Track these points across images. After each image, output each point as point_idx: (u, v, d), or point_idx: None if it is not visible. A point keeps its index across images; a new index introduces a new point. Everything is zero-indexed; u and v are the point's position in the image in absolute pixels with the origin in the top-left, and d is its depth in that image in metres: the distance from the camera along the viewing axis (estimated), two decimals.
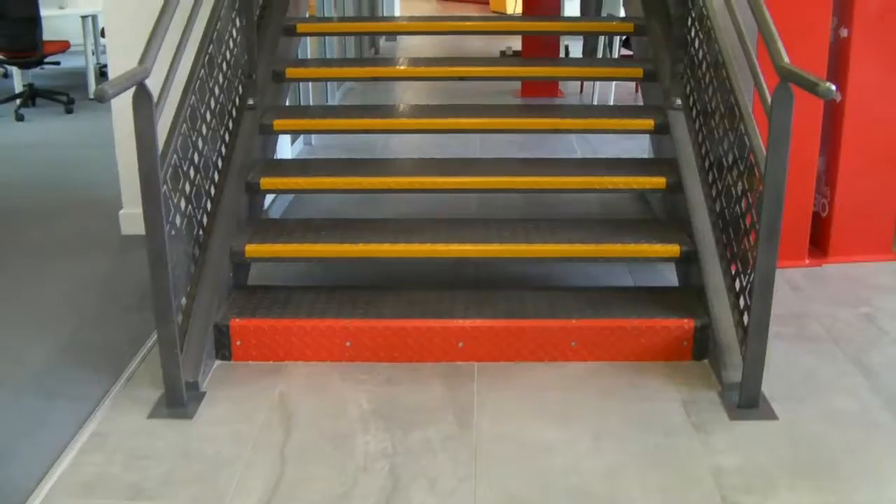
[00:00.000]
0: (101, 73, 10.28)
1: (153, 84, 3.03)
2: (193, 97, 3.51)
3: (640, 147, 6.13)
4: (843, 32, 4.65)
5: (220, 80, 3.89)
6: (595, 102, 8.42)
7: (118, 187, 5.28)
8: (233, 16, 4.09)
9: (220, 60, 3.88)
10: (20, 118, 8.85)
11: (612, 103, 8.12)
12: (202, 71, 3.63)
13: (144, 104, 2.98)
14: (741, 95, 3.50)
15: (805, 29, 4.49)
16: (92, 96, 9.41)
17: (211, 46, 3.74)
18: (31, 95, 9.38)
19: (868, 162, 4.74)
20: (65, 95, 9.28)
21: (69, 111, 9.09)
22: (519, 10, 11.02)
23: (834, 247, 4.80)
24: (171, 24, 3.26)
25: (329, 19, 7.31)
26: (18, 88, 9.54)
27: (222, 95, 3.91)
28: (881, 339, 3.87)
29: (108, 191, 5.50)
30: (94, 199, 5.90)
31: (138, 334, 3.86)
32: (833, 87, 2.83)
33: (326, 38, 7.67)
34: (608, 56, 8.32)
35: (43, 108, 9.28)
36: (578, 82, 9.37)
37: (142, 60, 3.05)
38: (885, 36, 4.64)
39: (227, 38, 3.98)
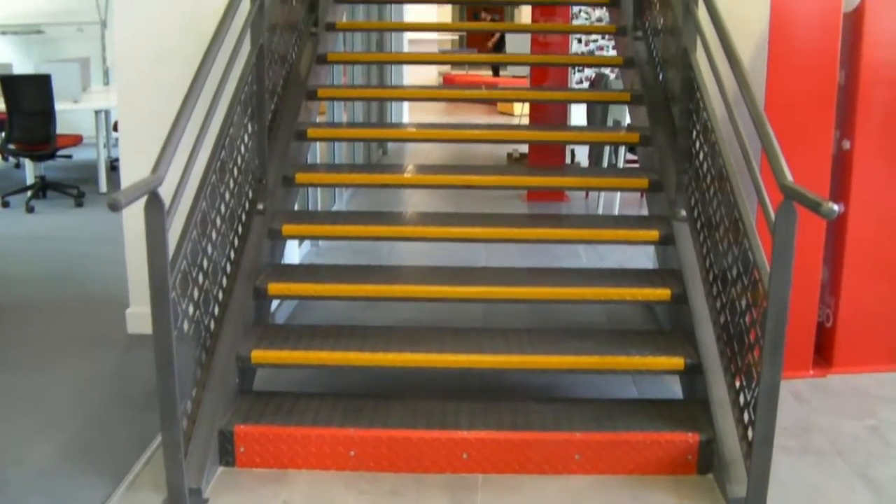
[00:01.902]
0: (112, 166, 10.39)
1: (165, 189, 3.08)
2: (204, 202, 3.56)
3: (644, 252, 6.16)
4: (846, 144, 4.71)
5: (231, 185, 3.94)
6: (601, 208, 8.50)
7: (126, 284, 5.31)
8: (245, 121, 4.15)
9: (231, 165, 3.93)
10: (30, 210, 8.93)
11: (617, 209, 8.19)
12: (214, 177, 3.67)
13: (156, 212, 3.03)
14: (745, 210, 3.53)
15: (808, 140, 4.55)
16: (103, 190, 9.67)
17: (223, 152, 3.80)
18: (42, 188, 9.47)
19: (872, 272, 4.76)
20: (75, 189, 9.36)
21: (79, 205, 9.17)
22: (527, 110, 11.14)
23: (839, 357, 4.79)
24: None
25: (339, 124, 7.44)
26: (30, 180, 9.64)
27: (232, 200, 3.95)
28: (887, 453, 3.85)
29: (116, 287, 5.53)
30: (101, 295, 5.93)
31: (143, 435, 3.85)
32: (836, 208, 2.87)
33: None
34: (613, 161, 8.41)
35: (53, 201, 9.36)
36: None
37: (155, 169, 3.10)
38: (886, 148, 4.70)
39: (238, 143, 4.04)
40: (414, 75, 14.97)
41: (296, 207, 5.23)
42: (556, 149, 9.08)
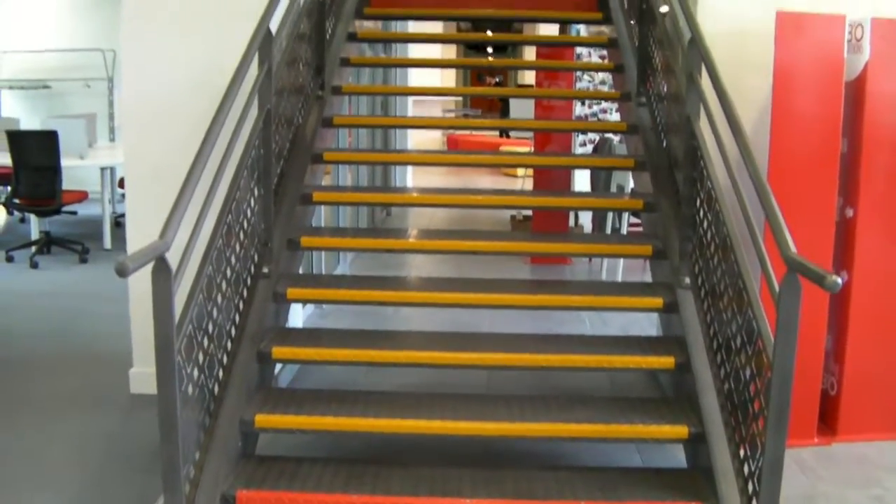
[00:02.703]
0: (117, 223, 10.44)
1: (171, 253, 3.09)
2: (211, 267, 3.57)
3: (648, 316, 6.18)
4: (849, 212, 4.74)
5: (237, 248, 3.95)
6: (604, 272, 8.54)
7: (129, 342, 5.32)
8: (252, 185, 4.18)
9: (237, 229, 3.95)
10: (34, 265, 8.97)
11: (620, 273, 8.21)
12: (220, 241, 3.69)
13: (164, 278, 3.03)
14: (749, 279, 3.53)
15: (811, 207, 4.59)
16: (107, 247, 9.71)
17: (230, 216, 3.82)
18: (47, 243, 9.53)
19: (876, 340, 4.77)
20: (80, 245, 9.41)
21: (83, 261, 9.21)
22: (530, 171, 11.23)
23: (843, 425, 4.79)
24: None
25: (344, 188, 7.49)
26: (35, 235, 9.70)
27: (238, 264, 3.97)
28: None
29: (119, 345, 5.54)
30: (104, 353, 5.95)
31: (144, 497, 3.84)
32: (839, 281, 2.88)
33: None
34: (617, 225, 8.45)
35: (58, 257, 9.40)
36: None
37: (163, 234, 3.11)
38: (890, 216, 4.74)
39: (245, 207, 4.06)
40: (418, 135, 15.09)
41: (300, 269, 5.25)
42: (560, 213, 9.14)
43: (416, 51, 13.29)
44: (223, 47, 4.56)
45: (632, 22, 5.91)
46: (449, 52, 23.15)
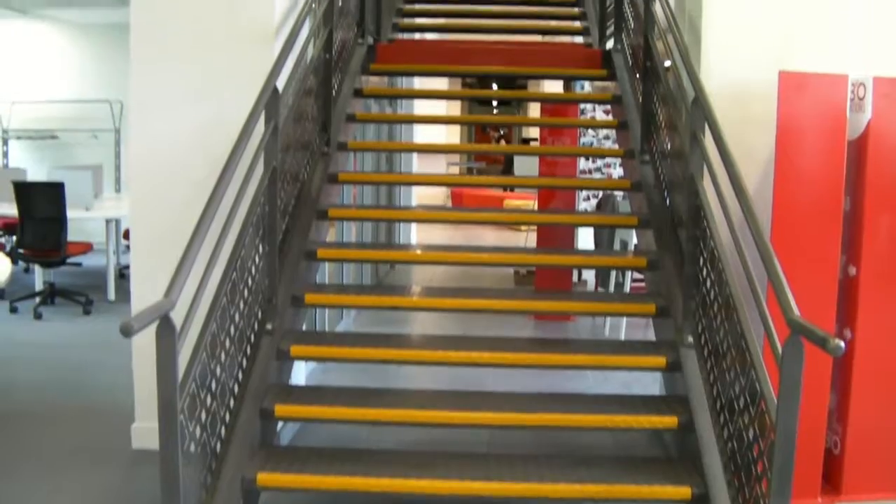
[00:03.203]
0: (122, 274, 10.45)
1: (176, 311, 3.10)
2: (215, 324, 3.57)
3: (650, 373, 6.15)
4: (852, 270, 4.73)
5: (241, 305, 3.96)
6: (607, 329, 8.54)
7: (132, 396, 5.30)
8: (257, 242, 4.19)
9: (242, 287, 3.96)
10: (38, 316, 8.98)
11: (624, 330, 8.21)
12: (224, 298, 3.70)
13: (168, 336, 3.04)
14: (752, 340, 3.53)
15: (814, 265, 4.59)
16: (111, 298, 9.72)
17: (234, 273, 3.83)
18: (51, 294, 9.55)
19: (880, 398, 4.74)
20: (84, 296, 9.41)
21: (87, 312, 9.21)
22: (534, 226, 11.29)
23: (847, 485, 4.75)
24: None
25: (348, 244, 7.53)
26: (39, 286, 9.71)
27: (242, 321, 3.97)
28: None
29: (121, 399, 5.52)
30: (106, 406, 5.93)
31: None
32: (842, 345, 2.88)
33: None
34: (621, 280, 8.45)
35: (61, 308, 9.41)
36: None
37: (168, 292, 3.12)
38: (893, 274, 4.72)
39: (249, 264, 4.07)
40: (423, 187, 15.13)
41: (304, 323, 5.26)
42: (564, 271, 9.15)
43: (421, 105, 13.40)
44: (230, 102, 4.64)
45: (636, 78, 5.95)
46: (454, 105, 23.28)
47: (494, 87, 22.87)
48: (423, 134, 13.83)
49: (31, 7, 13.23)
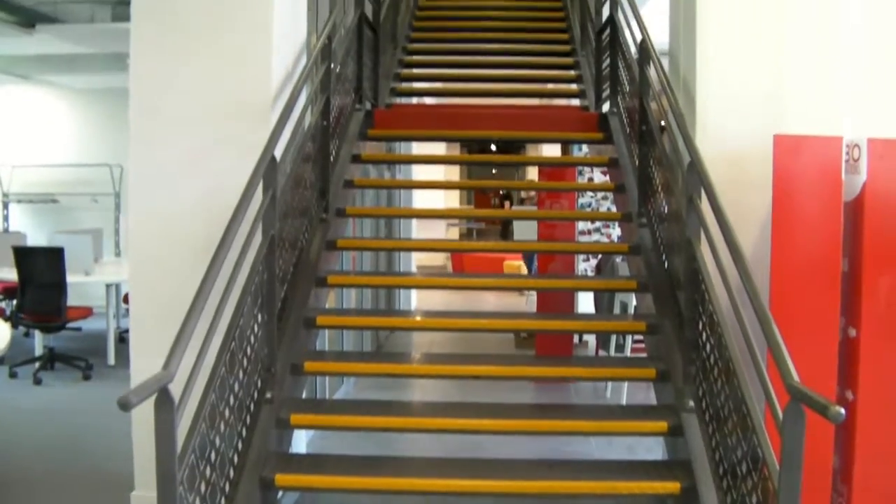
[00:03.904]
0: (121, 338, 10.43)
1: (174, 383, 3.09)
2: (214, 395, 3.56)
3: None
4: (852, 332, 4.73)
5: (240, 375, 3.94)
6: (609, 391, 8.52)
7: (131, 463, 5.27)
8: (255, 311, 4.19)
9: (241, 356, 3.95)
10: (38, 382, 8.97)
11: (625, 393, 8.19)
12: (223, 369, 3.69)
13: (166, 409, 3.03)
14: (753, 405, 3.51)
15: (814, 327, 4.59)
16: (111, 363, 9.70)
17: (233, 343, 3.82)
18: (51, 359, 9.53)
19: (885, 459, 4.71)
20: (83, 361, 9.40)
21: (87, 377, 9.20)
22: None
23: None
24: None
25: (347, 311, 7.54)
26: (39, 351, 9.71)
27: (241, 390, 3.95)
28: None
29: (121, 466, 5.48)
30: (106, 473, 5.90)
31: None
32: (842, 411, 2.87)
33: None
34: (621, 341, 8.44)
35: (61, 373, 9.40)
36: None
37: (166, 365, 3.11)
38: (893, 335, 4.72)
39: (248, 333, 4.06)
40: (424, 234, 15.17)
41: (304, 390, 5.23)
42: (565, 335, 9.16)
43: (419, 167, 13.47)
44: (228, 170, 4.66)
45: (632, 141, 5.98)
46: (452, 166, 23.39)
47: (493, 147, 22.98)
48: (422, 196, 13.87)
49: (33, 73, 13.36)
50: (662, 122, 5.31)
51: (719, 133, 5.20)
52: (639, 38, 5.73)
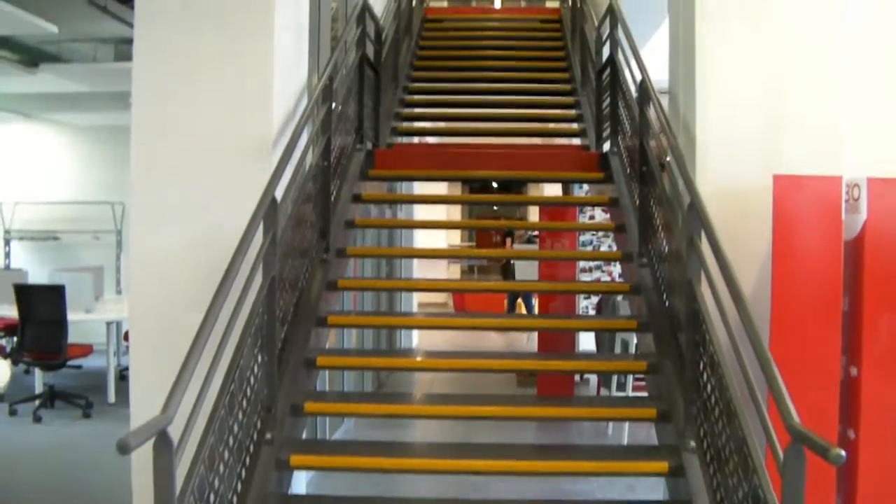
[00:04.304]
0: (122, 376, 10.41)
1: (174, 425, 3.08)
2: (213, 437, 3.54)
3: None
4: (853, 371, 4.73)
5: (240, 416, 3.93)
6: (610, 429, 8.48)
7: (130, 502, 5.23)
8: (255, 352, 4.18)
9: (240, 397, 3.94)
10: (38, 419, 8.97)
11: (626, 433, 8.16)
12: (223, 410, 3.68)
13: (165, 452, 3.02)
14: (754, 446, 3.50)
15: (815, 366, 4.59)
16: (111, 401, 9.68)
17: (233, 385, 3.81)
18: (51, 397, 9.53)
19: (887, 498, 4.69)
20: (83, 399, 9.39)
21: (86, 415, 9.18)
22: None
23: None
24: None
25: (348, 351, 7.52)
26: (39, 388, 9.71)
27: (241, 432, 3.94)
28: None
29: None
30: None
31: None
32: (843, 454, 2.86)
33: None
34: (623, 380, 8.42)
35: (61, 411, 9.39)
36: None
37: (165, 408, 3.11)
38: (895, 374, 4.71)
39: (248, 374, 4.06)
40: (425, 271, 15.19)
41: (304, 429, 5.21)
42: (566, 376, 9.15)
43: (421, 206, 13.52)
44: (229, 211, 4.67)
45: (633, 181, 5.99)
46: (454, 206, 23.50)
47: (494, 184, 23.05)
48: (424, 234, 13.90)
49: (36, 111, 13.44)
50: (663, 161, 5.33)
51: (719, 173, 5.21)
52: (639, 77, 5.76)
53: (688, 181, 4.59)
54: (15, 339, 9.60)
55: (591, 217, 11.00)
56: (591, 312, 11.01)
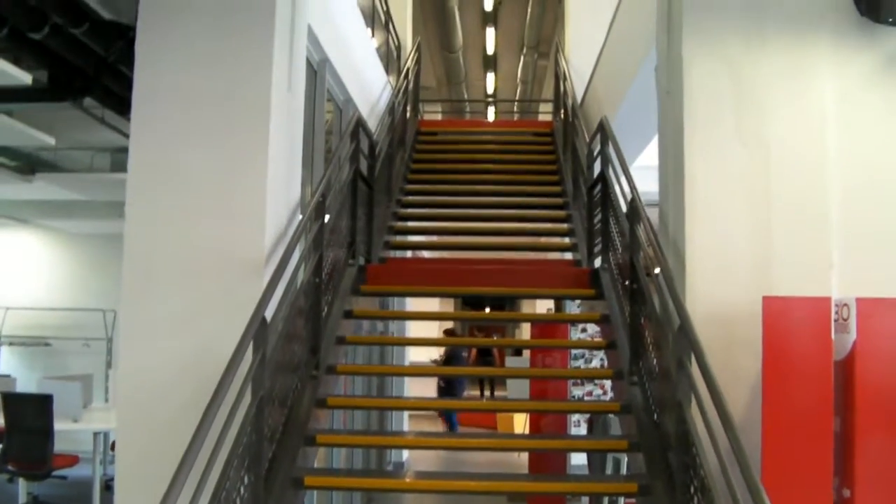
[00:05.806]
0: (107, 486, 10.25)
1: None
2: None
3: None
4: (846, 493, 4.68)
5: None
6: None
7: None
8: (242, 473, 4.12)
9: None
10: None
11: None
12: None
13: None
14: None
15: (807, 488, 4.55)
16: None
17: None
18: None
19: None
20: None
21: None
22: (527, 429, 11.25)
23: None
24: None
25: (337, 472, 7.43)
26: (22, 498, 9.58)
27: None
28: None
29: None
30: None
31: None
32: None
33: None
34: (614, 500, 8.31)
35: None
36: None
37: None
38: (887, 495, 4.68)
39: (234, 496, 3.99)
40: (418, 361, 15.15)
41: None
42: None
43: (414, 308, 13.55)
44: (219, 329, 4.67)
45: (623, 297, 5.99)
46: (447, 304, 23.46)
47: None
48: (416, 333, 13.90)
49: (31, 217, 13.52)
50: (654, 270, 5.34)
51: (709, 294, 5.22)
52: (629, 194, 5.80)
53: (677, 303, 4.60)
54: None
55: (584, 329, 10.99)
56: (584, 425, 10.94)
